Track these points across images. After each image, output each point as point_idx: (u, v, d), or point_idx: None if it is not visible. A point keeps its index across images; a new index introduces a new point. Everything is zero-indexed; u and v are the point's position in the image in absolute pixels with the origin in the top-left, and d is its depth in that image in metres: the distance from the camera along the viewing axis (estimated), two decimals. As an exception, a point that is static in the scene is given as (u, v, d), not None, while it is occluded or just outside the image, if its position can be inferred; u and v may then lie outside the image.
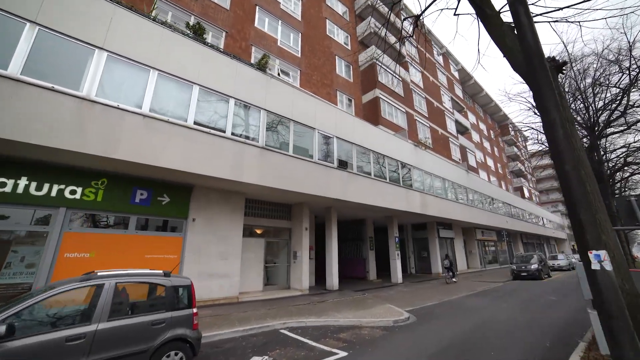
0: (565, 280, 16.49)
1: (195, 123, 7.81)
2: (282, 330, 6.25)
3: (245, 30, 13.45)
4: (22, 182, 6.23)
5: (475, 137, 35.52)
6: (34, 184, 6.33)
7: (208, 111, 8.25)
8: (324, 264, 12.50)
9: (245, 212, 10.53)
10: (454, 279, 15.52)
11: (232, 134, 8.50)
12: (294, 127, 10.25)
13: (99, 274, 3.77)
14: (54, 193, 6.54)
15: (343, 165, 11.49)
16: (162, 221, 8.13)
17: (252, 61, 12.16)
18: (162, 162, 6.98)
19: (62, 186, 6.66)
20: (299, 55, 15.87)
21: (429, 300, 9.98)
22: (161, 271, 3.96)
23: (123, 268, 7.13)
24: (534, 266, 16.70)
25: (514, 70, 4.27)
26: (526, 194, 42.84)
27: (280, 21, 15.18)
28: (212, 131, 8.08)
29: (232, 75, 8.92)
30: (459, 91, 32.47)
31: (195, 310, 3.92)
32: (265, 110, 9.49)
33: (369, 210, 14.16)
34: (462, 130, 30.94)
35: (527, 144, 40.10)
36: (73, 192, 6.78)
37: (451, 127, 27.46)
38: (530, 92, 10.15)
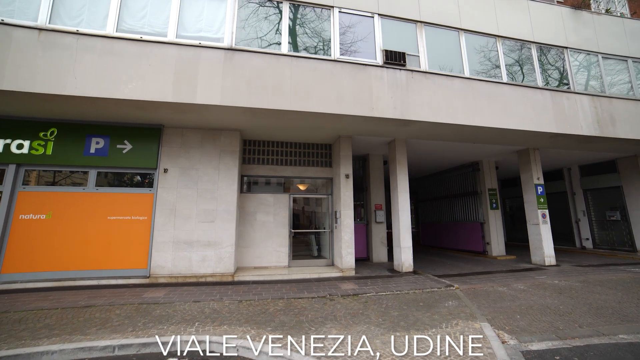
0: None
1: (119, 30, 5.38)
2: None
3: None
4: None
5: None
6: (-21, 141, 5.69)
7: (142, 12, 5.62)
8: (424, 230, 8.05)
9: (253, 159, 7.66)
10: None
11: (179, 36, 5.58)
12: (289, 10, 6.23)
13: None
14: (0, 149, 5.76)
15: (396, 59, 6.47)
16: (126, 174, 6.42)
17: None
18: (68, 89, 4.95)
19: (8, 140, 5.79)
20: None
21: (619, 325, 3.98)
22: None
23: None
24: None
25: None
26: None
27: None
28: (146, 37, 5.43)
29: (176, -50, 5.85)
30: None
31: None
32: (234, -9, 5.96)
33: (469, 141, 8.25)
34: None
35: None
36: (20, 146, 5.83)
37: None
38: None
